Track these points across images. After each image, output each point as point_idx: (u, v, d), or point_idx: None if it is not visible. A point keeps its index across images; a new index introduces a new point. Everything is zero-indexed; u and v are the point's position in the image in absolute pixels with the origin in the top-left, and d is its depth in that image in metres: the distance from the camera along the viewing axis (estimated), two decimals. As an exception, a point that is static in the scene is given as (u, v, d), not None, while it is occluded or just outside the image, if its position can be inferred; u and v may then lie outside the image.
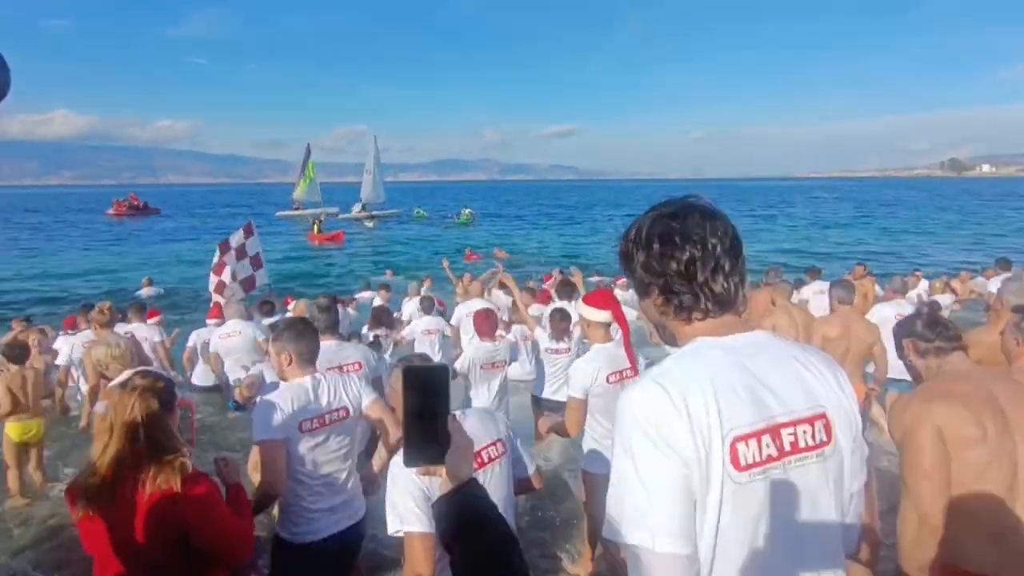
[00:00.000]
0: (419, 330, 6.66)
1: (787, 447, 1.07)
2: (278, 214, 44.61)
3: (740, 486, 1.03)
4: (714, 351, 1.10)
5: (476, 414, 2.13)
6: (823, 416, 1.10)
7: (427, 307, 7.03)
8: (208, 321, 7.11)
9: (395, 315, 8.09)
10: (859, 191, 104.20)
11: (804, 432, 1.08)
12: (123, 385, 2.02)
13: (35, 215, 61.07)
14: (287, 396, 2.47)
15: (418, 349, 6.29)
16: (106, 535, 1.86)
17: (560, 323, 4.99)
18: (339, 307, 7.13)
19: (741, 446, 1.03)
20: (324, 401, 2.54)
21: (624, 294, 7.58)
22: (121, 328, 5.57)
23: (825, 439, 1.10)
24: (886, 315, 5.60)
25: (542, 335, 5.16)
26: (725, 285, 1.13)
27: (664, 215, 1.16)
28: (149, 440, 1.91)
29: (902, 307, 5.90)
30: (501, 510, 1.12)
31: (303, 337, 2.58)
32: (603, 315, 3.18)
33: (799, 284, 8.67)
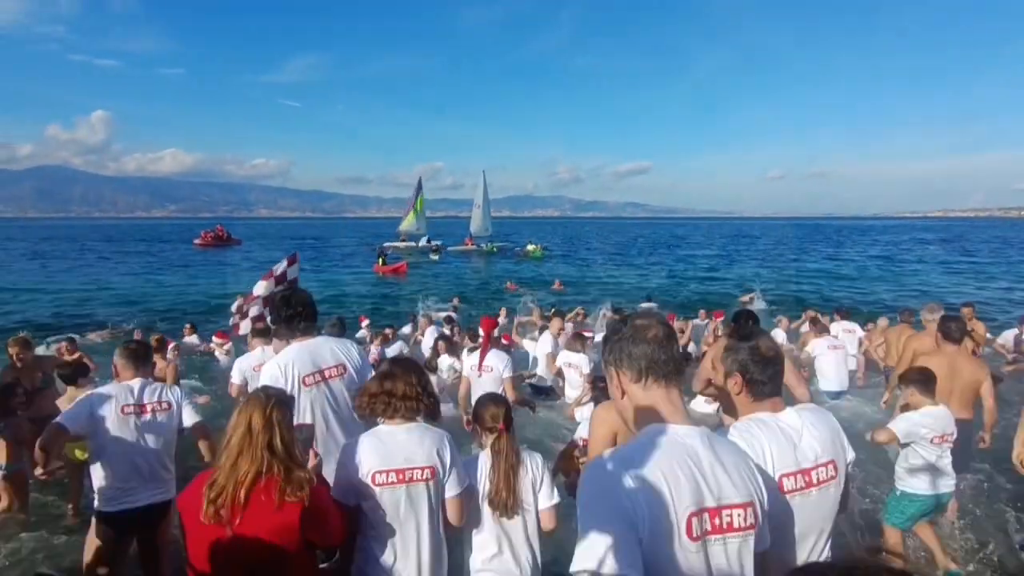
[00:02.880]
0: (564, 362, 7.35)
1: None
2: (385, 244, 44.70)
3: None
4: (296, 346, 3.11)
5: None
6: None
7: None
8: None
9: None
10: (969, 231, 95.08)
11: None
12: (257, 395, 2.04)
13: (118, 243, 64.18)
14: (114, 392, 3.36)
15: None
16: (226, 544, 1.84)
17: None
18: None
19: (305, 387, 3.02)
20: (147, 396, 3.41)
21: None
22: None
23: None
24: (822, 348, 7.71)
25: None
26: (306, 324, 3.15)
27: (288, 294, 3.27)
28: (286, 450, 1.95)
29: (830, 340, 7.87)
30: None
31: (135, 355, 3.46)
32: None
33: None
